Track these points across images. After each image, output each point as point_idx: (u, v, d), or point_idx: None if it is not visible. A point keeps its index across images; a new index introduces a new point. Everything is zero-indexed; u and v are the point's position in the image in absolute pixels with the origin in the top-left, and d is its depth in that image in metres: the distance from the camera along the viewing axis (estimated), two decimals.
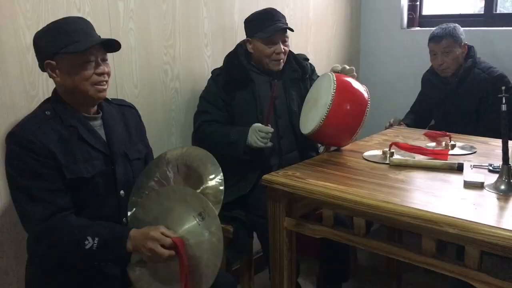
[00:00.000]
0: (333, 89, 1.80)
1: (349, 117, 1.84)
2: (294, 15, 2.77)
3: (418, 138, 2.13)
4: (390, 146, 1.83)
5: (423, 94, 2.69)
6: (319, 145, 2.27)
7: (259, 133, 1.97)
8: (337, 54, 3.14)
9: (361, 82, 1.96)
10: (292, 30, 2.11)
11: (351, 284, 2.38)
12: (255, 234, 2.07)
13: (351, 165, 1.79)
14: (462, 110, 2.41)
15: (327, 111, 1.79)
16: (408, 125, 2.54)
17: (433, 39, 2.43)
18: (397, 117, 2.57)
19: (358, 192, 1.49)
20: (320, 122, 1.81)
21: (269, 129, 1.97)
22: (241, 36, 2.20)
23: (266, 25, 2.05)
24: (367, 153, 1.90)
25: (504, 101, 1.45)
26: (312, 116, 1.90)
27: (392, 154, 1.81)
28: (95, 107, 1.53)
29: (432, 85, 2.59)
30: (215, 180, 1.54)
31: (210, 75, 2.18)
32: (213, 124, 2.09)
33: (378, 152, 1.88)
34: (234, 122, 2.11)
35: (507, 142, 1.46)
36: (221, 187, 1.53)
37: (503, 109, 1.45)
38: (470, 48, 2.47)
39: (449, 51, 2.39)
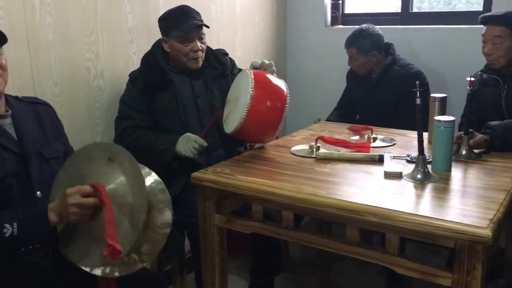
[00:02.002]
0: (251, 88, 1.80)
1: (269, 114, 1.85)
2: (221, 12, 2.76)
3: (343, 132, 2.20)
4: (316, 140, 1.88)
5: (348, 90, 2.79)
6: None
7: (193, 143, 1.95)
8: (265, 50, 3.18)
9: (288, 79, 1.99)
10: (207, 26, 2.08)
11: (283, 277, 2.43)
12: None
13: (279, 160, 1.82)
14: (383, 104, 2.53)
15: (246, 110, 1.79)
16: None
17: (344, 44, 2.59)
18: None
19: (286, 186, 1.52)
20: (241, 122, 1.81)
21: (205, 143, 1.96)
22: None
23: (181, 23, 2.01)
24: (294, 148, 1.93)
25: (418, 95, 1.54)
26: (233, 115, 1.90)
27: (318, 148, 1.86)
28: (3, 106, 1.44)
29: (355, 80, 2.69)
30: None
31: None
32: (137, 130, 2.03)
33: (305, 147, 1.93)
34: (158, 124, 2.06)
35: (422, 134, 1.55)
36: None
37: (418, 103, 1.53)
38: (389, 46, 2.60)
39: (354, 59, 2.57)
